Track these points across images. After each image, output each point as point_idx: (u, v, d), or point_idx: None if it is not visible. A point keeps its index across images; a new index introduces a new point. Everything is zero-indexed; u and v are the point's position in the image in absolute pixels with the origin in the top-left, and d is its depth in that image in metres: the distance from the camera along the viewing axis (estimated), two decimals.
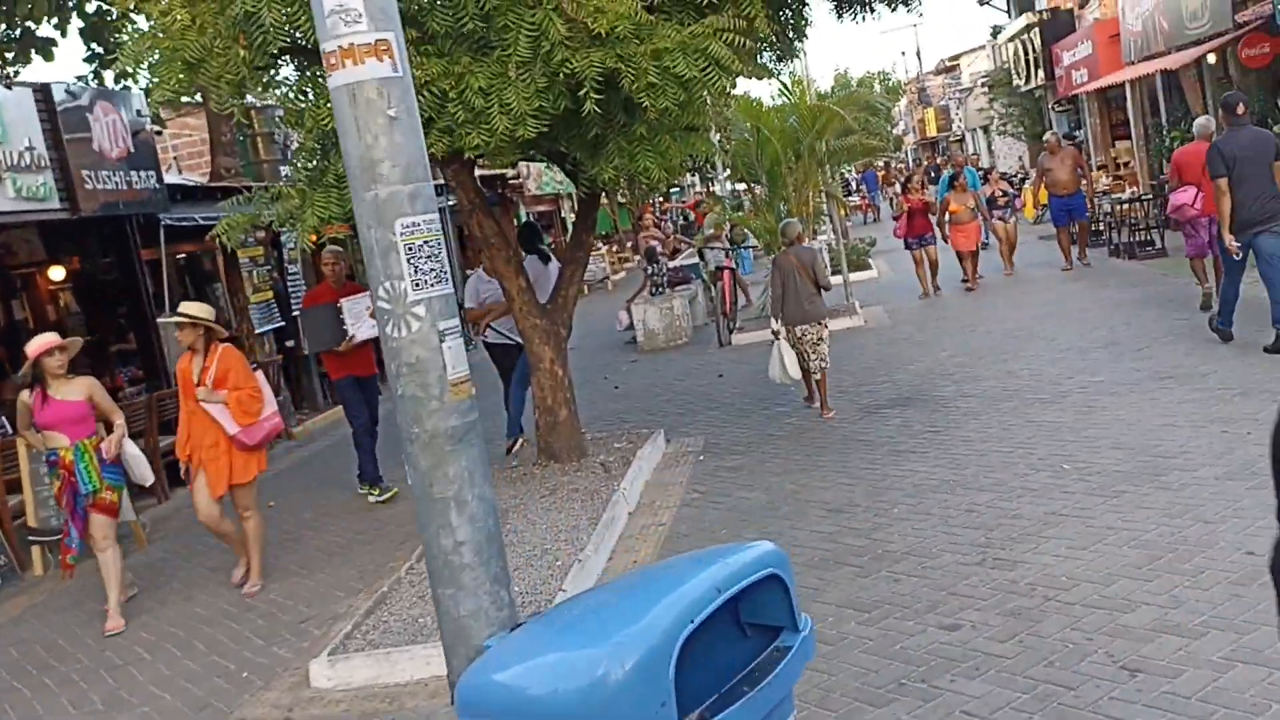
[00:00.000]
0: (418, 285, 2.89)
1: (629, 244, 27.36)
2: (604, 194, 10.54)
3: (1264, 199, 8.03)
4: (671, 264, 16.33)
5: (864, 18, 8.33)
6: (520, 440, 8.84)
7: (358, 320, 8.01)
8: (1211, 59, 15.25)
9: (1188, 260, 10.55)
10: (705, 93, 5.94)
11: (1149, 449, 6.19)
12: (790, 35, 8.68)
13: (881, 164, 40.89)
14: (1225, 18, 14.02)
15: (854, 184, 35.98)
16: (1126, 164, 21.36)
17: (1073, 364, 8.81)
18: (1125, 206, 15.32)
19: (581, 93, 5.55)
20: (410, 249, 2.88)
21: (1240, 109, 8.45)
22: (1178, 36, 15.69)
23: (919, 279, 14.33)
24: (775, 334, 8.69)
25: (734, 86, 9.45)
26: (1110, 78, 19.33)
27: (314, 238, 15.38)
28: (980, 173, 18.85)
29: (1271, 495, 5.18)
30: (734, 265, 14.20)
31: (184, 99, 8.38)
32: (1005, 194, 15.42)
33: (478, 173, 19.18)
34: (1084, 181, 14.76)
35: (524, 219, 23.58)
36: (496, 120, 5.67)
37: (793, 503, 6.44)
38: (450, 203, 12.33)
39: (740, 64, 5.98)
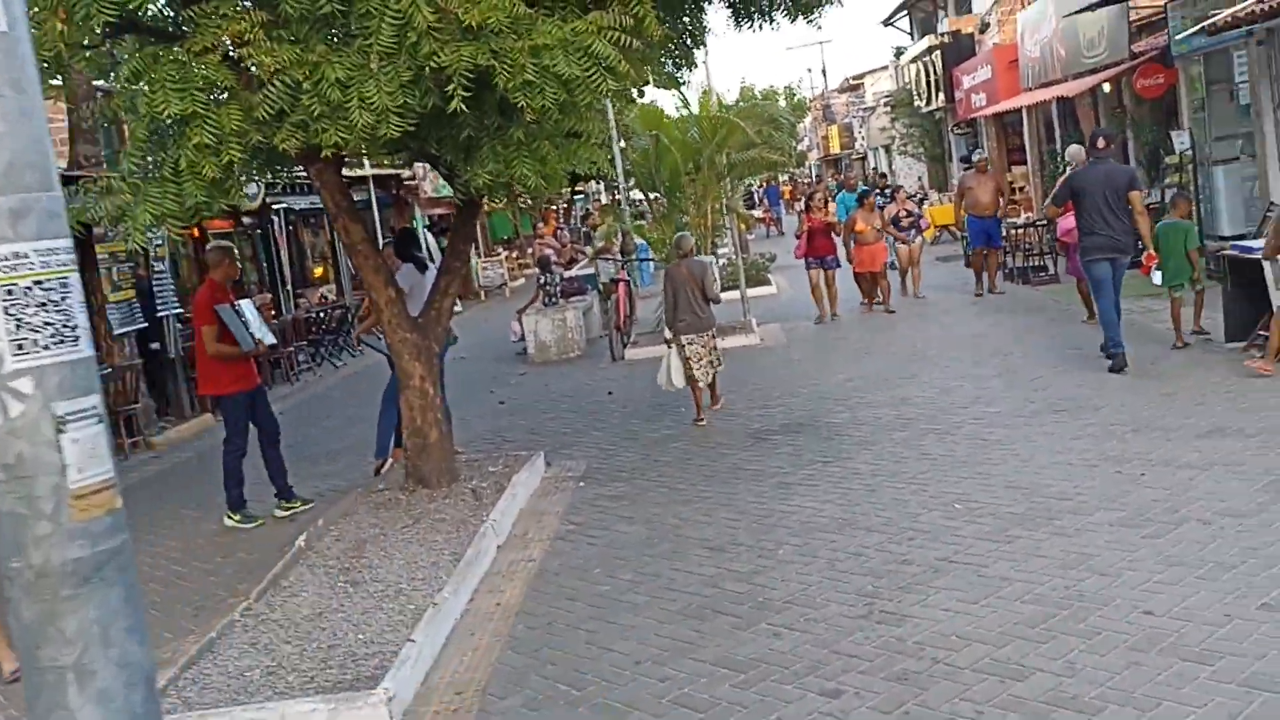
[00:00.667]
0: (21, 348, 1.97)
1: (529, 250, 26.74)
2: (505, 198, 9.94)
3: (1110, 230, 8.55)
4: (567, 274, 15.82)
5: (763, 27, 8.03)
6: (390, 461, 8.23)
7: (260, 323, 7.57)
8: (1107, 88, 15.43)
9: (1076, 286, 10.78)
10: (588, 95, 5.48)
11: (1042, 489, 5.93)
12: (689, 42, 8.34)
13: (786, 178, 41.05)
14: (1122, 48, 14.20)
15: (757, 197, 36.00)
16: (1022, 189, 21.63)
17: (967, 392, 8.60)
18: (1020, 231, 15.36)
19: (450, 89, 5.05)
20: (11, 293, 1.95)
21: (1100, 143, 8.96)
22: (1075, 64, 15.87)
23: (814, 301, 13.68)
24: (668, 342, 9.00)
25: (641, 94, 9.00)
26: (1008, 103, 19.54)
27: (195, 232, 14.45)
28: (888, 192, 18.74)
29: (1167, 546, 4.93)
30: (628, 278, 13.75)
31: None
32: (910, 214, 15.12)
33: (371, 172, 18.58)
34: (1002, 208, 14.68)
35: (419, 222, 22.83)
36: (356, 115, 5.13)
37: (673, 539, 6.01)
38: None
39: (628, 66, 5.54)
